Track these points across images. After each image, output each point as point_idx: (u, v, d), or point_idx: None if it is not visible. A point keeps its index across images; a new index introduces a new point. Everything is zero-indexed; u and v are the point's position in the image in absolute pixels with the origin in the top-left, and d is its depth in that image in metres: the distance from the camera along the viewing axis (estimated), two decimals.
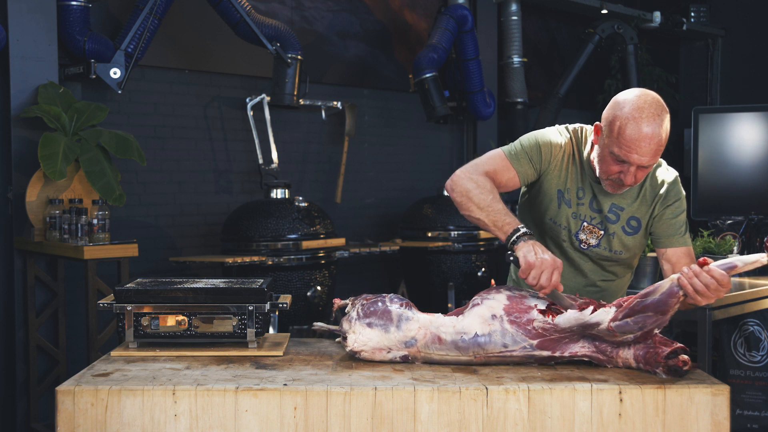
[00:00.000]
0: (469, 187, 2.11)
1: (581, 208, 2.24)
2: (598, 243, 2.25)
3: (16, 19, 3.82)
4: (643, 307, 1.83)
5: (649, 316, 1.82)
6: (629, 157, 2.04)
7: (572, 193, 2.24)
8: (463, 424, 1.75)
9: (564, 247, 2.29)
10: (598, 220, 2.24)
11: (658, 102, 2.06)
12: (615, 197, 2.23)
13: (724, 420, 1.77)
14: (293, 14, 5.27)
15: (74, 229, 3.61)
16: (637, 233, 2.25)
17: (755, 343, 3.95)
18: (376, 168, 5.83)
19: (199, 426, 1.75)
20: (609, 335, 1.87)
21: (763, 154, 4.37)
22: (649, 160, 2.05)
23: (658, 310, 1.82)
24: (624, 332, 1.84)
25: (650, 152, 2.04)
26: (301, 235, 4.32)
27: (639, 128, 2.01)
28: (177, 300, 2.08)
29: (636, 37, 6.79)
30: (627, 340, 1.87)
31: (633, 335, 1.84)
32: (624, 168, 2.08)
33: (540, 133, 2.27)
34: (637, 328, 1.83)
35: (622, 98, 2.09)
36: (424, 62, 5.33)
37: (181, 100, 4.78)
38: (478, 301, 2.00)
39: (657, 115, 2.03)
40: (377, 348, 1.98)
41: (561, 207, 2.24)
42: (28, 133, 3.88)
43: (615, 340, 1.88)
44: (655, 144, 2.03)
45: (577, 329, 1.90)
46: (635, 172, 2.08)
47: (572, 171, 2.24)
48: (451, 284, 5.12)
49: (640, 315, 1.82)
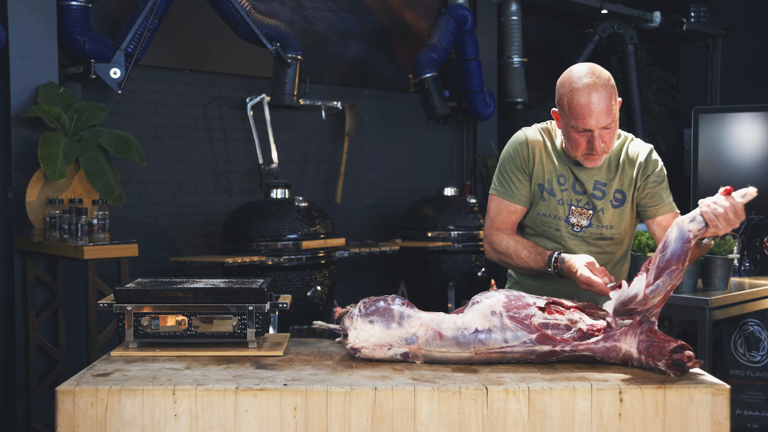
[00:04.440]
0: (499, 257, 2.35)
1: (565, 194, 2.31)
2: (590, 222, 2.32)
3: (16, 19, 3.82)
4: (666, 263, 1.85)
5: (673, 270, 1.85)
6: (586, 123, 2.15)
7: (553, 183, 2.32)
8: (463, 424, 1.75)
9: (561, 237, 2.34)
10: (584, 201, 2.32)
11: (591, 67, 2.19)
12: (596, 175, 2.30)
13: (724, 420, 1.77)
14: (293, 14, 5.27)
15: (74, 229, 3.61)
16: (623, 205, 2.32)
17: (755, 343, 3.96)
18: (376, 168, 5.83)
19: (199, 426, 1.75)
20: (641, 304, 1.89)
21: (763, 154, 4.37)
22: (605, 119, 2.15)
23: (679, 260, 1.85)
24: (656, 294, 1.88)
25: (603, 111, 2.14)
26: (301, 235, 4.32)
27: (583, 94, 2.14)
28: (177, 300, 2.08)
29: (636, 37, 6.79)
30: (655, 303, 1.89)
31: (663, 295, 1.88)
32: (588, 136, 2.18)
33: (507, 148, 2.39)
34: (665, 286, 1.86)
35: (561, 79, 2.23)
36: (424, 62, 5.33)
37: (181, 100, 4.78)
38: (478, 299, 2.01)
39: (596, 77, 2.16)
40: (378, 345, 1.98)
41: (546, 199, 2.32)
42: (28, 133, 3.88)
43: (644, 308, 1.90)
44: (604, 102, 2.13)
45: (619, 308, 1.94)
46: (600, 136, 2.17)
47: (548, 163, 2.33)
48: (451, 284, 5.12)
49: (665, 272, 1.85)
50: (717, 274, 3.45)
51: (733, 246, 3.50)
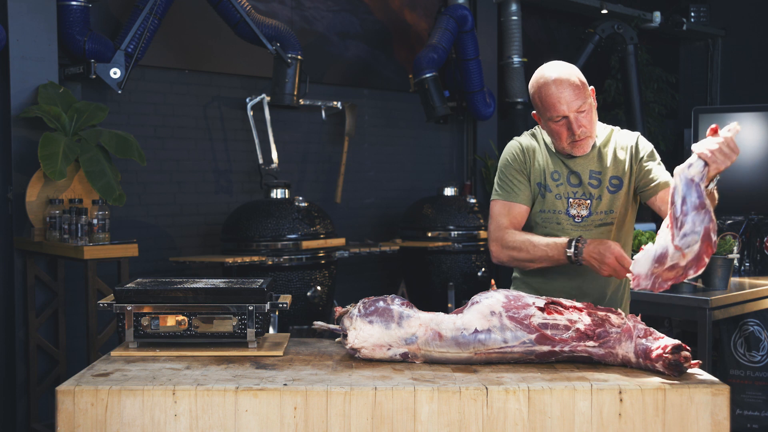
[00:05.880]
0: (510, 254, 2.34)
1: (561, 188, 2.37)
2: (590, 211, 2.37)
3: (16, 19, 3.82)
4: (683, 210, 1.86)
5: (698, 212, 1.85)
6: (559, 109, 2.25)
7: (548, 180, 2.38)
8: (463, 424, 1.75)
9: (563, 229, 2.38)
10: (580, 192, 2.37)
11: (555, 63, 2.32)
12: (590, 165, 2.37)
13: (724, 420, 1.77)
14: (293, 14, 5.27)
15: (74, 229, 3.61)
16: (620, 190, 2.37)
17: (755, 343, 3.95)
18: (376, 168, 5.83)
19: (199, 426, 1.75)
20: (679, 257, 1.88)
21: (763, 154, 4.37)
22: (576, 102, 2.24)
23: (697, 207, 1.85)
24: (689, 245, 1.86)
25: (571, 95, 2.24)
26: (301, 235, 4.32)
27: (551, 85, 2.25)
28: (177, 300, 2.08)
29: (636, 37, 6.79)
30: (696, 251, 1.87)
31: (697, 243, 1.86)
32: (566, 123, 2.27)
33: (503, 155, 2.46)
34: (697, 230, 1.85)
35: (530, 81, 2.35)
36: (424, 62, 5.33)
37: (181, 100, 4.78)
38: (477, 300, 2.01)
39: (559, 69, 2.28)
40: (378, 345, 1.98)
41: (545, 196, 2.38)
42: (28, 133, 3.88)
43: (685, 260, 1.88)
44: (571, 87, 2.24)
45: (652, 268, 1.93)
46: (576, 119, 2.26)
47: (541, 162, 2.40)
48: (451, 284, 5.12)
49: (688, 216, 1.85)
50: (717, 274, 3.45)
51: (733, 246, 3.50)
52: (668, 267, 1.92)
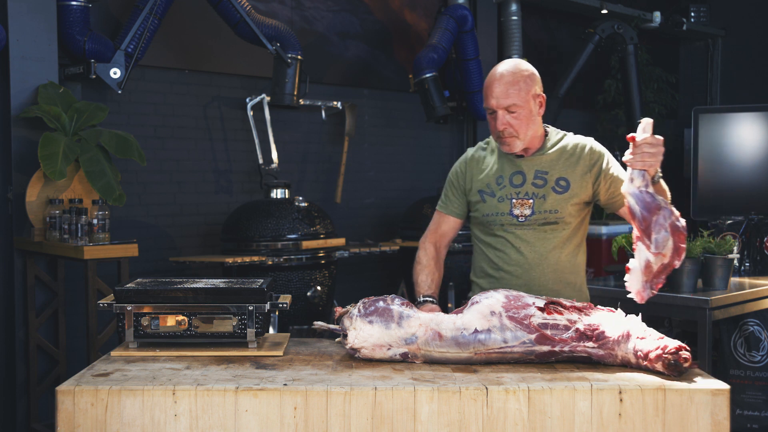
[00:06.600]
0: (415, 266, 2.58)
1: (504, 191, 2.46)
2: (533, 211, 2.43)
3: (16, 19, 3.82)
4: (644, 220, 1.97)
5: (657, 217, 1.95)
6: (489, 102, 2.37)
7: (492, 185, 2.48)
8: (463, 424, 1.75)
9: (507, 229, 2.46)
10: (523, 192, 2.44)
11: (512, 61, 2.43)
12: (537, 165, 2.45)
13: (724, 420, 1.77)
14: (293, 14, 5.27)
15: (74, 229, 3.61)
16: (566, 192, 2.43)
17: (755, 343, 3.96)
18: (376, 168, 5.83)
19: (199, 426, 1.75)
20: (660, 260, 1.95)
21: (763, 154, 4.37)
22: (505, 99, 2.34)
23: (653, 210, 1.95)
24: (663, 245, 1.95)
25: (504, 91, 2.34)
26: (301, 235, 4.32)
27: (493, 78, 2.38)
28: (177, 300, 2.08)
29: (636, 37, 6.79)
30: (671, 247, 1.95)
31: (669, 239, 1.94)
32: (494, 117, 2.38)
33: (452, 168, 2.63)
34: (664, 231, 1.94)
35: None
36: (424, 62, 5.33)
37: (181, 100, 4.78)
38: (477, 300, 2.02)
39: (511, 67, 2.38)
40: (378, 345, 1.98)
41: (488, 201, 2.48)
42: (28, 133, 3.88)
43: (668, 260, 1.96)
44: (508, 84, 2.34)
45: (643, 279, 1.99)
46: (502, 117, 2.36)
47: (488, 169, 2.51)
48: (451, 284, 5.12)
49: (651, 224, 1.95)
50: (717, 274, 3.45)
51: (733, 246, 3.50)
52: (656, 272, 1.98)
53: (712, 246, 3.42)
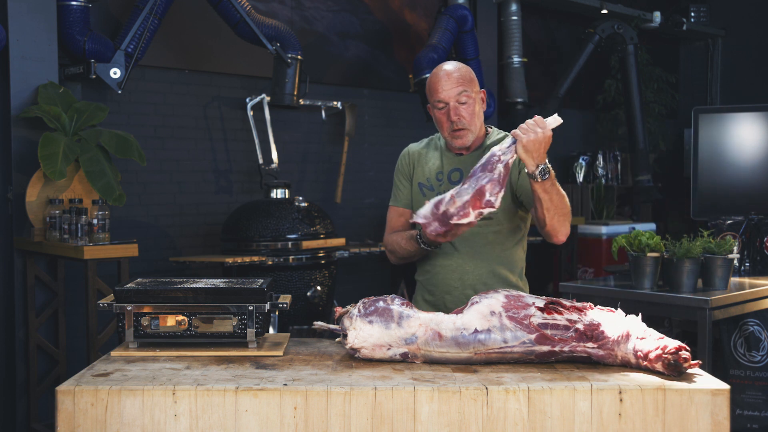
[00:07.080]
0: (392, 256, 2.65)
1: (442, 187, 2.48)
2: None
3: (16, 19, 3.82)
4: (474, 172, 2.09)
5: (479, 174, 2.07)
6: (438, 96, 2.39)
7: (432, 180, 2.52)
8: (463, 424, 1.75)
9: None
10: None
11: (452, 62, 2.46)
12: (475, 161, 2.44)
13: (724, 420, 1.77)
14: (293, 14, 5.27)
15: (74, 229, 3.61)
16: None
17: (755, 343, 3.96)
18: (376, 168, 5.83)
19: (199, 426, 1.75)
20: (451, 203, 2.06)
21: (763, 154, 4.37)
22: (455, 90, 2.37)
23: (485, 168, 2.07)
24: (462, 195, 2.06)
25: (453, 83, 2.38)
26: (301, 235, 4.32)
27: (439, 74, 2.41)
28: (177, 300, 2.08)
29: (636, 37, 6.79)
30: (465, 200, 2.05)
31: (469, 195, 2.05)
32: (446, 111, 2.40)
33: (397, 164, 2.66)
34: (472, 187, 2.05)
35: None
36: (424, 62, 5.33)
37: (181, 100, 4.78)
38: (477, 300, 2.01)
39: (450, 63, 2.43)
40: (377, 345, 1.98)
41: (427, 195, 2.51)
42: (28, 133, 3.88)
43: (454, 207, 2.06)
44: (454, 79, 2.38)
45: (432, 210, 2.10)
46: (455, 109, 2.39)
47: (430, 164, 2.54)
48: None
49: (471, 178, 2.08)
50: (717, 274, 3.45)
51: (733, 246, 3.50)
52: (442, 212, 2.07)
53: (712, 246, 3.42)
